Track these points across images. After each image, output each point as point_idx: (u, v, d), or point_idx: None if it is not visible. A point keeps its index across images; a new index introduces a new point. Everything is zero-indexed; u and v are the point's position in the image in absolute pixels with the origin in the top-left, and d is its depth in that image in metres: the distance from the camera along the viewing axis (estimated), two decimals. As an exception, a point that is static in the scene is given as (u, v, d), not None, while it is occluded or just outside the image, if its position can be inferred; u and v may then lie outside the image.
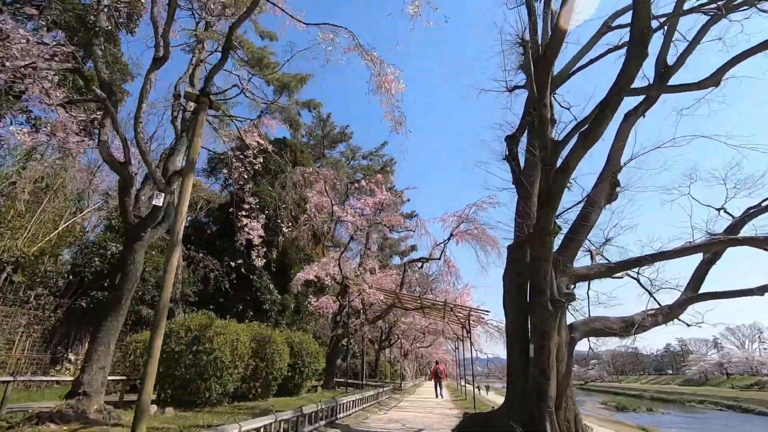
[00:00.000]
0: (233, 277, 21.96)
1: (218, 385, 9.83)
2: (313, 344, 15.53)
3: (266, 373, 12.29)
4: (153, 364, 4.52)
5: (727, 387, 72.85)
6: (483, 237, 19.68)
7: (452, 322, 21.51)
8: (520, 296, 10.30)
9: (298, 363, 14.67)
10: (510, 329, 10.24)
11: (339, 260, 16.79)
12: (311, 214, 19.03)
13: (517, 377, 9.77)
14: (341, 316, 18.70)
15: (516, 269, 10.44)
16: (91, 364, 6.42)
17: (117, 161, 6.56)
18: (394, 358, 37.05)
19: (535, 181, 10.98)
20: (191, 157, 5.24)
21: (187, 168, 5.19)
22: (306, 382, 15.22)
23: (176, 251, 5.03)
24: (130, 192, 6.77)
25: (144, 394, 4.37)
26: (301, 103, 23.57)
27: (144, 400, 4.37)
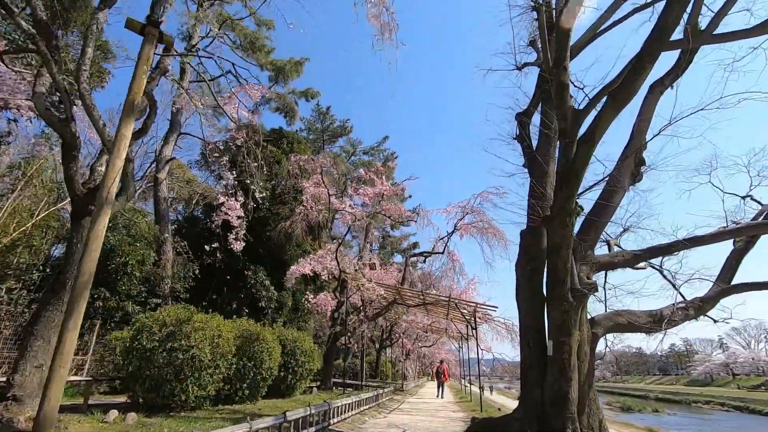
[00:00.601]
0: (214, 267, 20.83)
1: (196, 387, 8.68)
2: (307, 342, 14.37)
3: (254, 374, 11.13)
4: (62, 363, 3.39)
5: (732, 388, 71.36)
6: (489, 229, 18.48)
7: (456, 319, 20.29)
8: (534, 287, 9.11)
9: (291, 362, 13.50)
10: (523, 324, 9.04)
11: (336, 253, 15.64)
12: (308, 206, 17.87)
13: (532, 378, 8.57)
14: (339, 313, 17.52)
15: (529, 257, 9.25)
16: (25, 362, 5.29)
17: (56, 117, 5.49)
18: (395, 357, 35.83)
19: (551, 158, 9.79)
20: (131, 99, 4.15)
21: (125, 111, 4.09)
22: (300, 382, 14.05)
23: (103, 216, 3.91)
24: (74, 156, 5.70)
25: (48, 401, 3.24)
26: (298, 93, 22.48)
27: (48, 409, 3.25)
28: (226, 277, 21.45)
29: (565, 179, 7.58)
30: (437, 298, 16.72)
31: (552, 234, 8.13)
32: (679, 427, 35.52)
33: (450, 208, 18.00)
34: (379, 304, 19.57)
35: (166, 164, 18.62)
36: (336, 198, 17.41)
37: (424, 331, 27.47)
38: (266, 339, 11.74)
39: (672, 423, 39.38)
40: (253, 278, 21.64)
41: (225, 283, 21.56)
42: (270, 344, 11.77)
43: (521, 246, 9.43)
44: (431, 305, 17.64)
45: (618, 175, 9.36)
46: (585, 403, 8.19)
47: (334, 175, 17.97)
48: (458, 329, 22.71)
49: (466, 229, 19.20)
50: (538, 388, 8.38)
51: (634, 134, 9.60)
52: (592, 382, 8.53)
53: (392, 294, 18.29)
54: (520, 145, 11.04)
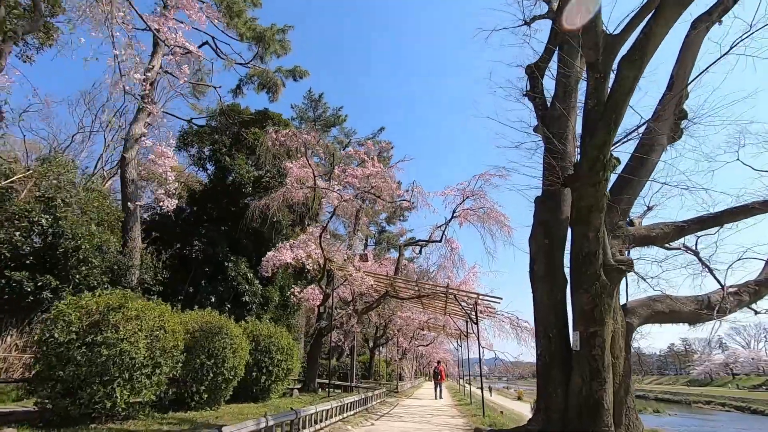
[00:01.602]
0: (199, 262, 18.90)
1: (127, 391, 6.75)
2: (285, 338, 12.44)
3: (214, 374, 9.20)
4: None
5: (732, 387, 69.89)
6: (491, 214, 16.59)
7: (455, 315, 18.38)
8: (554, 266, 7.22)
9: (264, 361, 11.57)
10: (540, 312, 7.15)
11: (320, 238, 13.73)
12: (292, 189, 15.93)
13: (553, 379, 6.66)
14: (326, 306, 15.60)
15: (547, 229, 7.36)
16: None
17: None
18: (391, 357, 33.83)
19: (571, 110, 7.91)
20: None
21: None
22: (277, 384, 12.12)
23: None
24: None
25: None
26: (285, 71, 20.59)
27: None
28: (204, 269, 19.50)
29: (601, 118, 5.69)
30: (434, 290, 14.81)
31: (579, 196, 6.24)
32: (682, 429, 34.03)
33: (448, 191, 16.09)
34: (371, 297, 17.66)
35: (135, 143, 16.69)
36: (323, 180, 15.50)
37: (420, 328, 25.54)
38: (231, 333, 9.81)
39: (674, 424, 37.67)
40: (234, 270, 19.68)
41: (204, 276, 19.61)
42: (235, 339, 9.84)
43: (536, 217, 7.54)
44: (427, 298, 15.73)
45: (656, 127, 7.48)
46: (622, 412, 6.30)
47: (320, 153, 16.04)
48: (457, 326, 20.80)
49: (466, 216, 17.28)
50: (561, 392, 6.49)
51: (673, 81, 7.73)
52: (630, 385, 6.65)
53: (384, 286, 16.38)
54: (532, 102, 9.16)
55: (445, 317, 21.97)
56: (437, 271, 16.93)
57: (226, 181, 20.41)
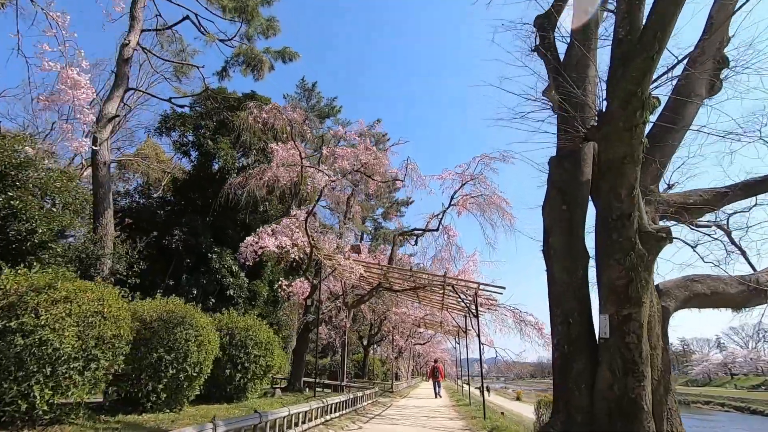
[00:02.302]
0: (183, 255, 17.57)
1: (49, 390, 5.44)
2: (264, 332, 11.11)
3: (175, 370, 7.87)
4: None
5: (730, 387, 69.14)
6: (492, 202, 15.32)
7: (453, 309, 17.07)
8: (573, 237, 5.92)
9: (239, 357, 10.25)
10: (556, 293, 5.84)
11: (305, 223, 12.41)
12: (277, 173, 14.61)
13: (574, 374, 5.36)
14: (313, 299, 14.27)
15: (564, 193, 6.06)
16: None
17: None
18: (387, 356, 32.46)
19: (591, 50, 6.63)
20: None
21: None
22: (254, 383, 10.79)
23: None
24: None
25: None
26: (273, 52, 19.27)
27: None
28: (186, 260, 18.15)
29: (639, 41, 4.42)
30: (430, 280, 13.51)
31: (609, 145, 4.97)
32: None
33: (446, 174, 14.81)
34: (363, 290, 16.35)
35: (108, 122, 15.32)
36: (310, 162, 14.17)
37: (416, 325, 24.21)
38: (196, 324, 8.49)
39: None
40: (217, 262, 18.34)
41: (185, 268, 18.26)
42: (201, 331, 8.51)
43: (551, 181, 6.24)
44: (423, 290, 14.41)
45: (691, 78, 6.22)
46: (663, 416, 5.03)
47: (308, 134, 14.74)
48: (455, 322, 19.49)
49: (465, 204, 15.99)
50: (585, 389, 5.20)
51: (712, 22, 6.45)
52: (671, 382, 5.36)
53: (376, 277, 15.08)
54: (543, 58, 7.86)
55: (442, 313, 20.66)
56: (434, 261, 15.64)
57: (210, 169, 19.09)
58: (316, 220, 15.17)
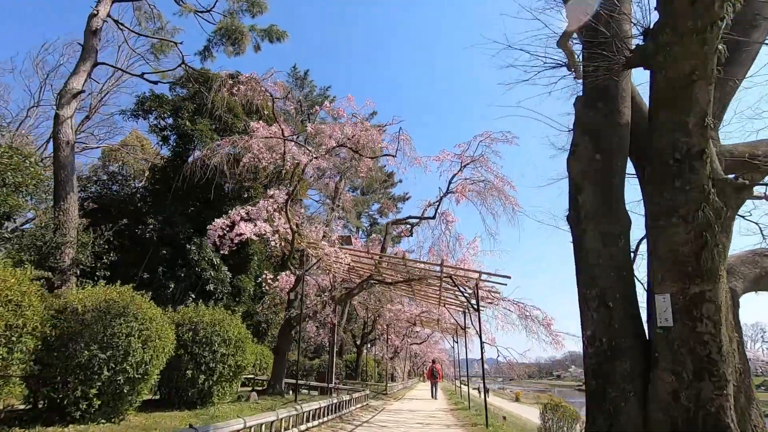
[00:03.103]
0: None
1: None
2: (235, 327, 9.60)
3: (113, 372, 6.38)
4: None
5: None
6: (494, 186, 13.88)
7: (451, 305, 15.58)
8: (609, 194, 4.44)
9: (203, 356, 8.74)
10: (589, 269, 4.34)
11: (286, 207, 10.93)
12: (258, 155, 13.11)
13: (617, 379, 3.87)
14: (296, 292, 12.78)
15: (597, 139, 4.58)
16: None
17: None
18: (382, 356, 30.90)
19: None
20: None
21: None
22: (221, 385, 9.26)
23: None
24: None
25: None
26: (259, 30, 17.82)
27: None
28: (162, 252, 16.62)
29: None
30: (426, 270, 12.04)
31: (669, 61, 3.52)
32: None
33: (443, 155, 13.35)
34: (352, 284, 14.86)
35: (73, 98, 13.82)
36: (296, 144, 12.66)
37: (412, 323, 22.73)
38: (143, 316, 6.99)
39: None
40: (197, 254, 16.81)
41: (162, 260, 16.73)
42: (147, 324, 7.01)
43: (579, 125, 4.76)
44: (418, 283, 12.93)
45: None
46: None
47: (291, 110, 13.26)
48: (453, 319, 18.00)
49: (464, 191, 14.53)
50: (635, 400, 3.73)
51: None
52: (752, 387, 3.89)
53: (367, 268, 13.60)
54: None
55: (439, 309, 19.19)
56: (431, 251, 14.15)
57: (189, 154, 17.58)
58: (301, 206, 13.68)
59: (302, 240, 11.26)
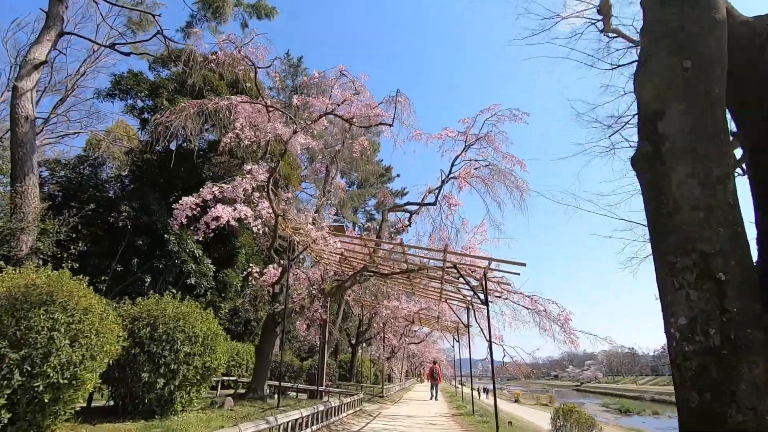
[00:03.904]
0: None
1: None
2: (204, 322, 8.11)
3: (27, 376, 4.91)
4: None
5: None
6: (500, 171, 12.48)
7: (453, 299, 14.14)
8: (708, 113, 2.99)
9: (164, 355, 7.26)
10: (676, 228, 2.89)
11: (269, 184, 9.47)
12: (241, 134, 11.61)
13: (741, 393, 2.40)
14: (281, 284, 11.31)
15: (681, 42, 3.16)
16: None
17: None
18: (379, 356, 29.40)
19: None
20: None
21: None
22: (186, 390, 7.77)
23: None
24: None
25: None
26: (246, 5, 16.38)
27: None
28: (138, 241, 15.07)
29: None
30: (427, 257, 10.60)
31: None
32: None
33: (446, 132, 11.91)
34: (346, 277, 13.37)
35: (34, 70, 12.33)
36: (280, 118, 11.18)
37: (410, 321, 21.28)
38: (72, 306, 5.51)
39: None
40: (177, 245, 15.28)
41: (137, 251, 15.19)
42: (79, 317, 5.53)
43: (651, 29, 3.33)
44: (418, 274, 11.48)
45: None
46: None
47: (275, 79, 11.79)
48: (456, 316, 16.54)
49: (467, 176, 13.13)
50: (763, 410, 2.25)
51: None
52: None
53: (360, 259, 12.14)
54: None
55: (440, 306, 17.74)
56: (431, 240, 12.70)
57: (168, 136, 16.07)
58: (289, 191, 12.21)
59: (287, 224, 9.80)
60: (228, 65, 11.06)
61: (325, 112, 9.34)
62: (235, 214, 10.31)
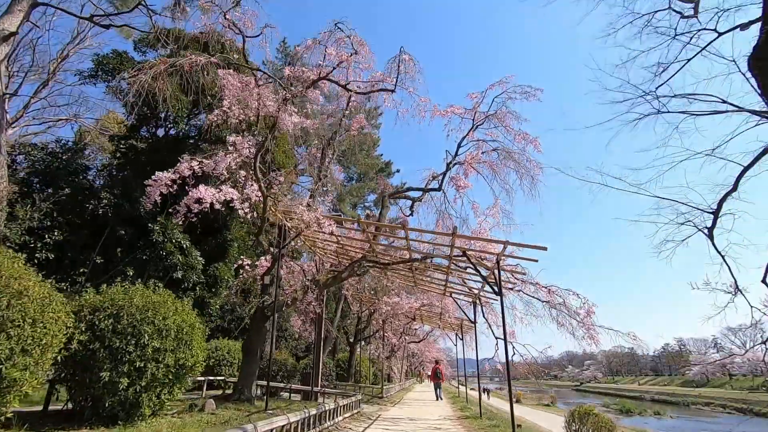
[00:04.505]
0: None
1: None
2: (179, 314, 7.01)
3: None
4: None
5: (728, 389, 66.28)
6: (510, 154, 11.40)
7: (459, 292, 13.04)
8: None
9: (127, 351, 6.16)
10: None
11: (256, 160, 8.38)
12: (229, 112, 10.51)
13: None
14: (272, 275, 10.21)
15: None
16: None
17: None
18: (378, 355, 28.28)
19: None
20: None
21: None
22: (154, 392, 6.66)
23: None
24: None
25: None
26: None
27: None
28: (120, 231, 13.97)
29: None
30: (433, 243, 9.52)
31: None
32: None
33: (452, 109, 10.84)
34: (342, 266, 12.25)
35: (3, 41, 11.23)
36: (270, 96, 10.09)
37: (411, 318, 20.18)
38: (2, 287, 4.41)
39: (687, 429, 33.54)
40: (161, 235, 14.18)
41: (120, 242, 14.09)
42: (6, 301, 4.44)
43: None
44: (421, 264, 10.38)
45: None
46: None
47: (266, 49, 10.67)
48: (461, 312, 15.43)
49: (473, 162, 12.04)
50: None
51: None
52: None
53: (359, 248, 11.05)
54: None
55: (443, 302, 16.65)
56: (438, 225, 11.59)
57: (153, 120, 15.01)
58: (281, 175, 11.10)
59: (275, 205, 8.72)
60: (213, 37, 9.99)
61: (318, 77, 8.25)
62: (219, 196, 9.21)
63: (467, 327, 17.82)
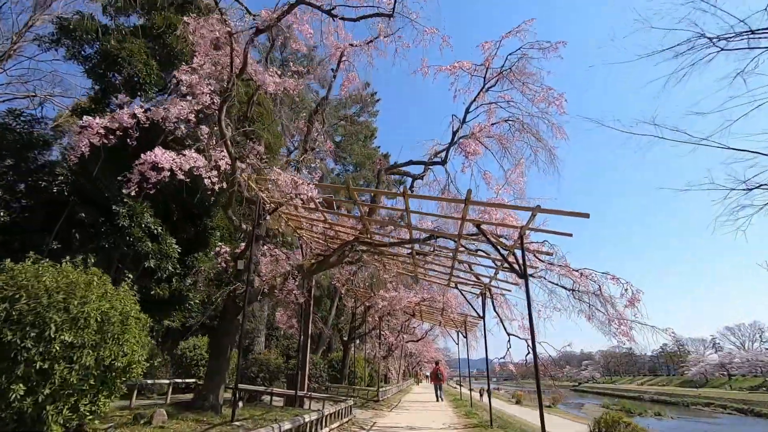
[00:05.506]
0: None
1: None
2: (103, 298, 5.26)
3: None
4: None
5: (727, 389, 65.17)
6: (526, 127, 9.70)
7: (465, 283, 11.31)
8: None
9: (23, 347, 4.39)
10: None
11: (221, 112, 6.61)
12: (201, 73, 8.75)
13: None
14: (245, 258, 8.45)
15: None
16: None
17: None
18: (375, 355, 26.45)
19: None
20: None
21: None
22: (66, 402, 4.91)
23: None
24: None
25: None
26: None
27: None
28: (80, 214, 12.16)
29: None
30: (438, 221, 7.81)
31: None
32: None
33: (459, 65, 9.11)
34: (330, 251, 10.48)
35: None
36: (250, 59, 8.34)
37: (410, 314, 18.44)
38: None
39: (688, 429, 32.18)
40: (128, 218, 12.35)
41: (80, 225, 12.27)
42: None
43: None
44: (424, 247, 8.66)
45: None
46: None
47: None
48: (465, 306, 13.71)
49: (480, 136, 10.30)
50: None
51: None
52: None
53: (351, 232, 9.30)
54: None
55: (445, 296, 14.91)
56: (444, 192, 9.85)
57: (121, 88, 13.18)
58: (262, 144, 9.36)
59: (242, 170, 6.98)
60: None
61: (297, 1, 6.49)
62: (182, 162, 7.43)
63: (471, 323, 16.10)
